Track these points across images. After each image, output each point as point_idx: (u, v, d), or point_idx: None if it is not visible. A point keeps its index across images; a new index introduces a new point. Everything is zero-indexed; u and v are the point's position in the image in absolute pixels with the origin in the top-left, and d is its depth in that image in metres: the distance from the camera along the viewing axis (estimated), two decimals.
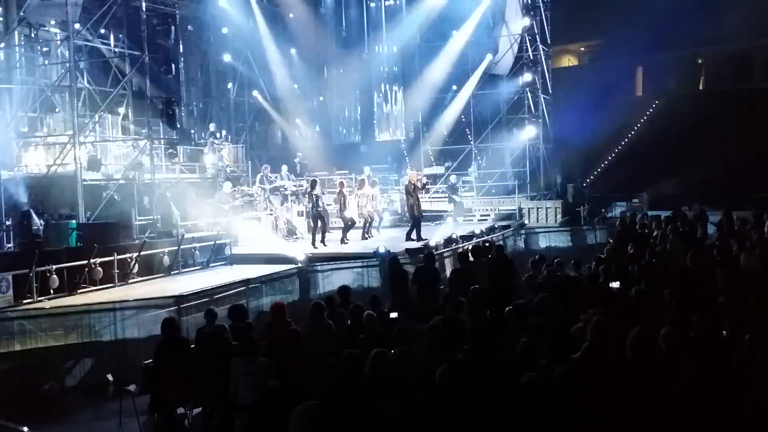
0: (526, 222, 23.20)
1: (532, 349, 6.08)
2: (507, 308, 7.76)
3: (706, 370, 5.27)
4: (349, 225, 18.12)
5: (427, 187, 20.12)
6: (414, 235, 17.19)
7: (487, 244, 14.31)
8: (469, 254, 12.23)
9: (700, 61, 32.13)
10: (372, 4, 29.05)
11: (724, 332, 6.57)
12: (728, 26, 26.99)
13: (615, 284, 9.48)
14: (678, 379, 5.26)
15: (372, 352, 5.94)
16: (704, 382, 5.12)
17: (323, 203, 17.86)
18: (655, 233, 15.44)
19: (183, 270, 15.54)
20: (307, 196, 18.21)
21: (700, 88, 32.58)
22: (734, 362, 5.61)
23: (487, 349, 6.07)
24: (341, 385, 5.78)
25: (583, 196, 25.12)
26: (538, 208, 23.91)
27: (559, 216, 23.53)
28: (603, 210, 24.54)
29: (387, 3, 28.85)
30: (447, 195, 23.95)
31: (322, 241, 17.37)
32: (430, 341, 6.89)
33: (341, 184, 18.71)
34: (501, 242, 17.15)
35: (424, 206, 19.45)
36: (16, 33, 19.78)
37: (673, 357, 5.64)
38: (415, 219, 17.42)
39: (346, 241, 17.89)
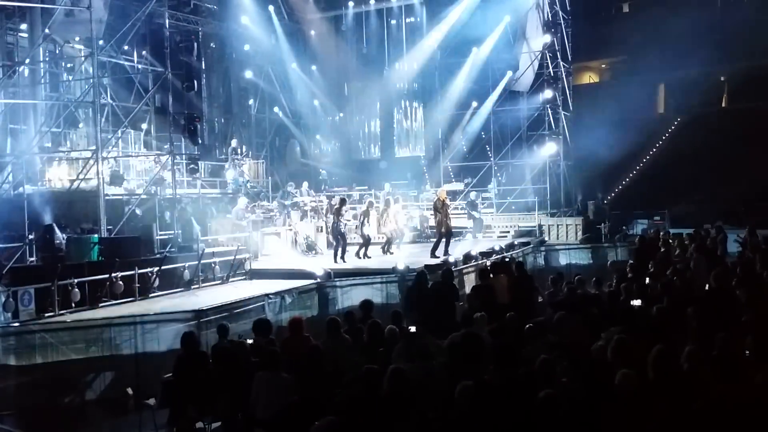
0: (546, 239, 23.08)
1: (551, 365, 6.03)
2: (527, 325, 7.71)
3: (730, 389, 5.20)
4: (367, 241, 18.10)
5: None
6: (439, 252, 17.13)
7: (507, 260, 14.25)
8: (489, 271, 12.18)
9: (723, 78, 31.84)
10: (393, 21, 29.19)
11: (747, 351, 6.48)
12: (752, 44, 26.79)
13: (636, 302, 9.40)
14: (701, 399, 5.19)
15: (389, 369, 5.92)
16: (727, 402, 5.05)
17: (345, 220, 17.88)
18: (677, 251, 15.31)
19: (203, 284, 15.59)
20: (334, 213, 18.22)
21: (723, 105, 32.31)
22: (758, 381, 5.52)
23: (506, 366, 6.03)
24: (361, 400, 5.76)
25: (603, 213, 24.95)
26: (558, 225, 23.79)
27: (579, 233, 23.39)
28: (624, 227, 24.35)
29: (408, 20, 28.99)
30: (466, 211, 23.89)
31: (342, 257, 17.37)
32: (449, 357, 6.85)
33: (370, 204, 18.71)
34: (521, 259, 17.06)
35: None
36: (41, 49, 20.09)
37: (695, 376, 5.57)
38: (440, 235, 17.37)
39: (368, 256, 17.88)
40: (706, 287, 9.99)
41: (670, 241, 16.38)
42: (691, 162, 26.63)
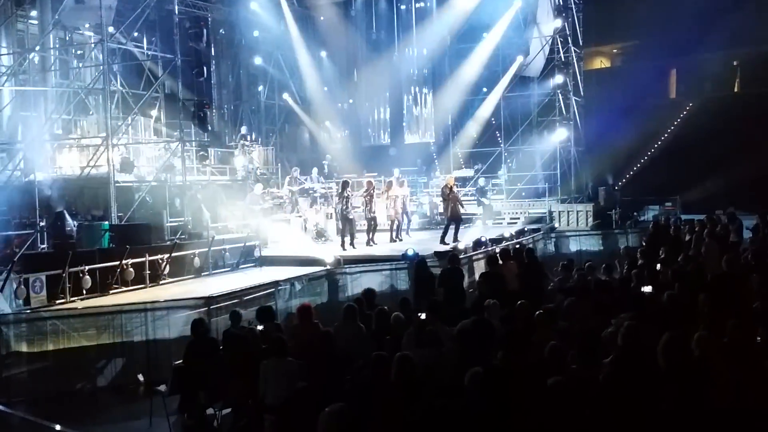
0: (557, 225, 23.00)
1: (561, 352, 6.01)
2: (537, 312, 7.69)
3: (741, 376, 5.17)
4: (372, 226, 18.06)
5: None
6: (449, 239, 17.10)
7: (517, 247, 14.22)
8: (499, 257, 12.15)
9: (735, 63, 31.58)
10: (402, 7, 29.01)
11: (759, 338, 6.44)
12: (764, 28, 26.54)
13: (647, 288, 9.35)
14: (712, 386, 5.17)
15: (396, 356, 5.91)
16: (739, 389, 5.02)
17: (352, 205, 17.84)
18: (688, 237, 15.23)
19: (213, 271, 15.65)
20: (337, 197, 18.21)
21: (736, 90, 32.07)
22: None
23: (516, 353, 6.02)
24: (370, 387, 5.77)
25: (614, 199, 24.81)
26: (569, 212, 23.68)
27: (590, 219, 23.28)
28: (635, 213, 24.22)
29: (417, 5, 28.80)
30: (476, 198, 23.82)
31: (351, 243, 17.36)
32: (459, 344, 6.84)
33: (369, 184, 18.61)
34: (531, 245, 17.01)
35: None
36: (51, 36, 20.10)
37: (706, 363, 5.54)
38: (449, 222, 17.34)
39: (373, 243, 17.88)
40: (718, 274, 9.92)
41: (682, 227, 16.28)
42: (703, 147, 26.46)
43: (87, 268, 13.03)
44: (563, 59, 25.97)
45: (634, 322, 6.37)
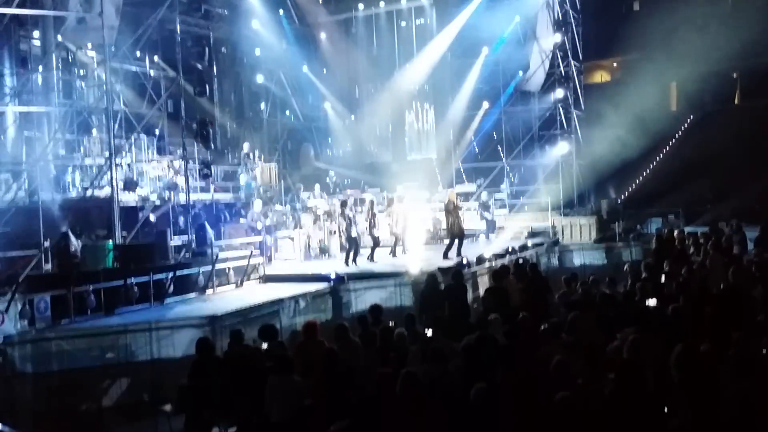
0: (560, 239, 22.98)
1: (566, 367, 6.01)
2: (541, 326, 7.69)
3: (746, 389, 5.16)
4: (376, 243, 18.07)
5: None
6: (452, 254, 17.08)
7: (520, 262, 14.21)
8: (502, 272, 12.14)
9: (735, 75, 31.67)
10: (402, 23, 29.16)
11: (765, 350, 6.43)
12: (763, 40, 26.61)
13: (652, 302, 9.34)
14: (719, 399, 5.16)
15: (402, 372, 5.92)
16: (744, 401, 5.02)
17: (355, 222, 17.86)
18: (692, 249, 15.22)
19: (217, 289, 15.65)
20: (340, 216, 18.26)
21: (736, 102, 32.12)
22: None
23: (521, 368, 6.02)
24: (374, 404, 5.77)
25: (617, 212, 24.80)
26: (572, 225, 23.66)
27: (593, 233, 23.27)
28: (638, 226, 24.20)
29: (417, 21, 28.95)
30: (478, 212, 23.81)
31: (354, 260, 17.37)
32: (464, 360, 6.84)
33: (371, 203, 18.69)
34: (534, 260, 16.99)
35: None
36: (53, 56, 20.21)
37: (711, 376, 5.53)
38: (453, 237, 17.32)
39: (372, 260, 17.88)
40: (722, 286, 9.91)
41: (683, 238, 16.27)
42: (705, 160, 26.48)
43: (92, 287, 13.01)
44: (563, 73, 26.07)
45: (639, 336, 6.37)
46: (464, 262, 16.33)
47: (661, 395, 5.45)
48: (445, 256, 17.08)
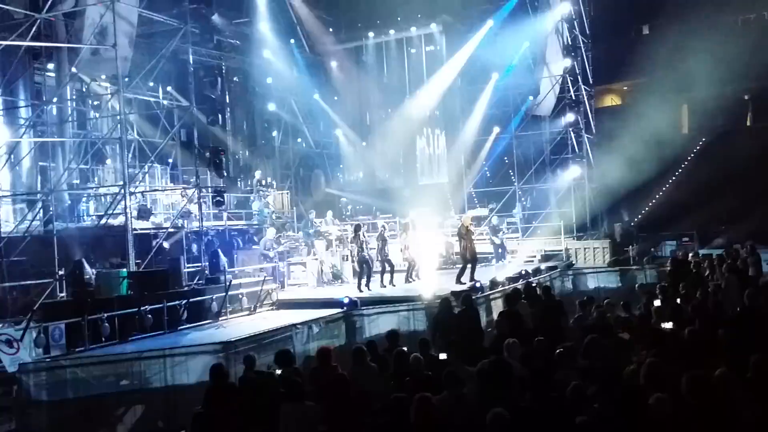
0: (574, 262, 22.89)
1: (583, 391, 5.97)
2: (557, 350, 7.64)
3: (764, 412, 5.10)
4: (388, 268, 18.04)
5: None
6: (465, 278, 17.03)
7: (534, 285, 14.16)
8: (515, 296, 12.10)
9: (746, 97, 31.62)
10: (412, 50, 29.34)
11: None
12: None
13: (668, 325, 9.27)
14: (735, 423, 5.10)
15: (416, 397, 5.89)
16: (762, 425, 4.96)
17: (368, 248, 17.87)
18: (707, 272, 15.13)
19: (231, 316, 15.66)
20: (352, 242, 18.28)
21: (748, 124, 32.06)
22: None
23: (537, 392, 5.98)
24: (388, 429, 5.74)
25: (631, 235, 24.72)
26: (585, 249, 23.61)
27: (607, 256, 23.19)
28: (652, 249, 24.09)
29: (427, 48, 29.13)
30: (489, 237, 23.78)
31: (367, 285, 17.36)
32: (478, 384, 6.80)
33: (382, 228, 18.76)
34: (548, 283, 16.93)
35: None
36: (68, 88, 20.47)
37: (728, 399, 5.47)
38: (466, 262, 17.29)
39: (392, 284, 17.84)
40: (738, 309, 9.83)
41: (699, 260, 16.18)
42: (718, 182, 26.39)
43: (106, 315, 13.06)
44: (574, 98, 26.16)
45: (656, 360, 6.32)
46: (477, 286, 16.30)
47: (679, 419, 5.40)
48: (458, 280, 17.04)
